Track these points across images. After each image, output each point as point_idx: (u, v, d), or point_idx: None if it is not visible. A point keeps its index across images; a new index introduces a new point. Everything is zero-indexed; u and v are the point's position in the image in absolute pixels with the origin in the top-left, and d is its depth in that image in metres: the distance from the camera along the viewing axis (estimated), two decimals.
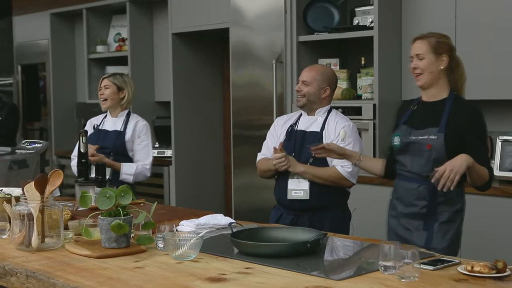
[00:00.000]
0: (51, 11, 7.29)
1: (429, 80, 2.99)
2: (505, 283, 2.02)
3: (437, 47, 2.98)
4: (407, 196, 3.02)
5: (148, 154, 4.30)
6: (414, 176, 3.00)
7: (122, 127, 4.29)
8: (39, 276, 2.21)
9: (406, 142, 3.00)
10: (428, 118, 2.98)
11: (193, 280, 2.10)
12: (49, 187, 2.58)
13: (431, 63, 2.97)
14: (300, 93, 3.41)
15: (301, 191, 3.33)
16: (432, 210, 2.95)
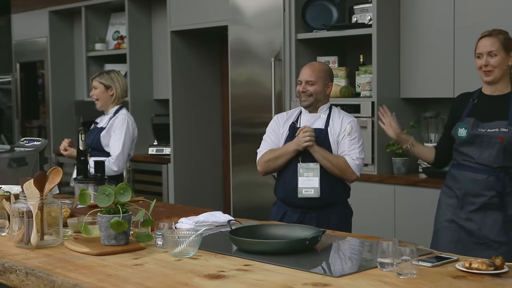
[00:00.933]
0: (50, 9, 7.28)
1: (500, 75, 3.11)
2: (502, 280, 2.03)
3: (507, 44, 3.11)
4: (474, 187, 3.12)
5: (117, 147, 4.24)
6: (482, 167, 3.11)
7: (106, 124, 4.34)
8: (39, 273, 2.22)
9: (474, 134, 3.11)
10: (495, 112, 3.10)
11: (192, 277, 2.11)
12: (48, 184, 2.59)
13: (503, 60, 3.10)
14: (306, 94, 3.41)
15: (311, 189, 3.34)
16: (501, 200, 3.06)
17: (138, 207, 2.55)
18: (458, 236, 3.14)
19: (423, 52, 4.46)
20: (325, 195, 3.34)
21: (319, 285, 1.99)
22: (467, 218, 3.13)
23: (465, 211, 3.14)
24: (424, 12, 4.45)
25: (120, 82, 4.41)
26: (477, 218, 3.11)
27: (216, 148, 6.33)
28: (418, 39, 4.49)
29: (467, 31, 4.26)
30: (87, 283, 2.08)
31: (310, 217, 3.35)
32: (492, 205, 3.08)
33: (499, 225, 3.06)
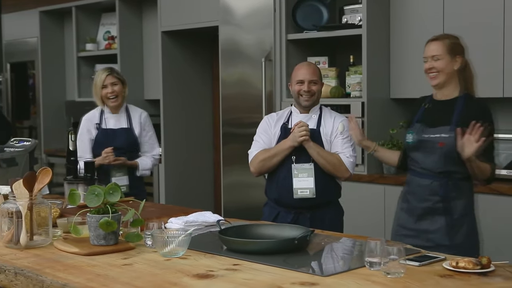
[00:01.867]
0: (40, 9, 7.27)
1: (445, 80, 3.10)
2: (489, 279, 2.05)
3: (452, 48, 3.10)
4: (420, 192, 3.13)
5: (154, 144, 4.34)
6: (426, 173, 3.11)
7: (127, 123, 4.27)
8: (28, 273, 2.22)
9: (419, 140, 3.11)
10: (440, 117, 3.09)
11: (181, 276, 2.12)
12: (37, 185, 2.59)
13: (447, 64, 3.09)
14: (310, 93, 3.42)
15: (307, 190, 3.35)
16: (445, 205, 3.06)
17: (128, 207, 2.55)
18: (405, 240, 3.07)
19: (413, 53, 4.48)
20: (320, 195, 3.35)
21: (307, 284, 2.00)
22: (415, 222, 3.13)
23: (413, 215, 3.14)
24: (414, 12, 4.47)
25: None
26: (424, 222, 3.10)
27: (207, 148, 6.34)
28: (408, 40, 4.51)
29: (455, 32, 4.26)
30: (76, 283, 2.08)
31: (304, 218, 3.36)
32: (437, 210, 3.07)
33: (444, 229, 3.06)
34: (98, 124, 4.25)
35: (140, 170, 4.24)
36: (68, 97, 7.36)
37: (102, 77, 4.19)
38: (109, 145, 4.14)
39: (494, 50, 4.13)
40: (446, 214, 3.06)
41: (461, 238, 3.03)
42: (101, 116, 4.28)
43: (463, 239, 3.02)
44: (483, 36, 4.18)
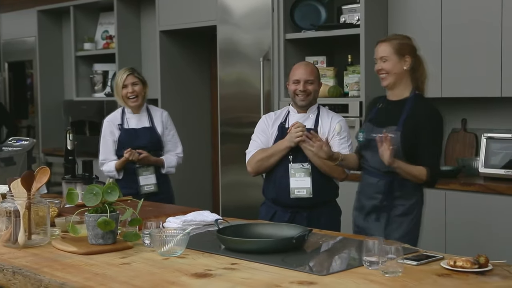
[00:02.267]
0: (38, 8, 7.26)
1: (394, 81, 3.12)
2: (487, 278, 2.05)
3: (400, 48, 3.11)
4: (368, 190, 3.18)
5: (177, 142, 4.36)
6: (374, 171, 3.15)
7: (149, 123, 4.26)
8: (26, 272, 2.22)
9: (368, 139, 3.14)
10: (390, 117, 3.11)
11: (179, 276, 2.12)
12: (35, 184, 2.59)
13: (395, 64, 3.10)
14: (306, 92, 3.42)
15: (303, 190, 3.35)
16: (389, 203, 3.10)
17: (126, 206, 2.55)
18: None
19: None
20: (317, 195, 3.35)
21: (305, 284, 2.00)
22: (364, 219, 3.18)
23: (362, 213, 3.20)
24: (412, 12, 4.48)
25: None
26: (370, 220, 3.15)
27: (205, 148, 6.34)
28: None
29: (454, 31, 4.29)
30: (74, 282, 2.08)
31: (301, 217, 3.36)
32: (382, 208, 3.11)
33: (382, 227, 3.09)
34: (120, 125, 4.22)
35: (166, 167, 4.25)
36: (66, 97, 7.35)
37: (123, 77, 4.19)
38: (132, 144, 4.13)
39: (492, 50, 4.14)
40: (388, 212, 3.10)
41: (396, 236, 3.02)
42: (122, 117, 4.25)
43: (397, 238, 2.96)
44: (481, 35, 4.18)
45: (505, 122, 4.38)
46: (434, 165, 3.07)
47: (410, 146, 3.03)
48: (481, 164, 4.12)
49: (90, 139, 6.21)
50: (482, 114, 4.53)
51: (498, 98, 4.28)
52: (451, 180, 4.14)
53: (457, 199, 4.06)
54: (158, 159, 4.23)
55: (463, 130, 4.59)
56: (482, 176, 4.13)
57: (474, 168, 4.25)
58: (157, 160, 4.22)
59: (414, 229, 3.13)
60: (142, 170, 4.17)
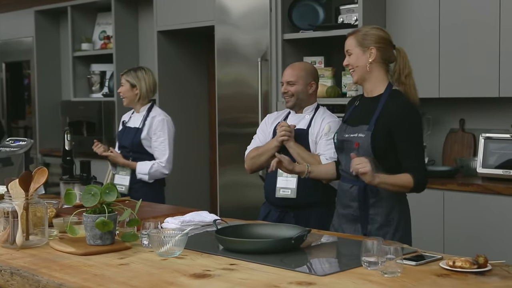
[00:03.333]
0: (36, 9, 7.26)
1: (361, 75, 2.88)
2: (486, 278, 2.05)
3: (363, 40, 2.86)
4: (342, 197, 2.95)
5: (164, 150, 4.23)
6: (347, 176, 2.91)
7: (141, 124, 4.28)
8: (24, 273, 2.21)
9: (340, 140, 2.93)
10: (362, 115, 2.88)
11: (177, 276, 2.11)
12: (33, 184, 2.58)
13: (358, 57, 2.87)
14: (288, 94, 3.42)
15: (289, 190, 3.35)
16: (365, 213, 2.85)
17: (124, 206, 2.55)
18: None
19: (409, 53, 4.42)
20: (303, 196, 3.33)
21: (304, 284, 2.00)
22: (343, 231, 2.93)
23: (339, 222, 2.97)
24: (410, 12, 4.48)
25: (146, 81, 4.30)
26: (347, 230, 2.90)
27: (203, 148, 6.33)
28: (404, 40, 4.51)
29: (452, 32, 4.29)
30: (72, 282, 2.08)
31: (289, 217, 3.37)
32: (357, 218, 2.86)
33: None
34: (125, 122, 4.39)
35: (137, 173, 4.21)
36: (64, 97, 7.34)
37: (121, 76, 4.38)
38: (121, 143, 4.27)
39: (490, 50, 4.14)
40: (363, 223, 2.85)
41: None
42: (131, 114, 4.43)
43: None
44: (479, 35, 4.18)
45: (503, 122, 4.38)
46: (419, 168, 2.78)
47: (383, 147, 2.77)
48: (479, 164, 4.12)
49: (88, 140, 6.19)
50: (480, 114, 4.53)
51: (496, 98, 4.28)
52: (449, 180, 4.14)
53: (455, 199, 4.07)
54: (127, 162, 4.21)
55: (461, 130, 4.59)
56: (480, 176, 4.13)
57: (472, 168, 4.25)
58: (126, 163, 4.21)
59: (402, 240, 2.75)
60: (120, 169, 4.23)
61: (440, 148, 4.67)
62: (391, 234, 2.82)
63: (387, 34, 2.93)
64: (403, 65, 2.90)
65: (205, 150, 6.34)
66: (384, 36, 2.90)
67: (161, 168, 4.23)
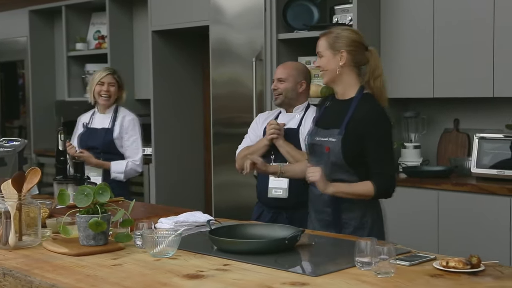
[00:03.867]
0: (30, 8, 7.23)
1: (331, 78, 2.86)
2: (479, 278, 2.05)
3: (334, 42, 2.82)
4: (315, 202, 2.94)
5: (137, 149, 4.28)
6: None
7: (110, 124, 4.26)
8: (16, 274, 2.20)
9: (311, 144, 2.90)
10: (334, 118, 2.85)
11: (171, 277, 2.11)
12: (26, 185, 2.57)
13: (329, 60, 2.83)
14: (277, 91, 3.43)
15: (280, 190, 3.35)
16: (338, 217, 2.84)
17: (117, 207, 2.54)
18: None
19: (403, 52, 4.49)
20: (295, 196, 3.33)
21: (297, 284, 1.99)
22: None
23: (313, 227, 2.93)
24: (404, 12, 4.48)
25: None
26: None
27: (198, 148, 6.33)
28: (399, 39, 4.52)
29: (446, 32, 4.29)
30: (65, 283, 2.07)
31: (282, 217, 3.37)
32: (330, 223, 2.84)
33: None
34: (86, 123, 4.30)
35: (112, 172, 4.20)
36: (58, 97, 7.32)
37: (102, 74, 4.26)
38: (87, 144, 4.18)
39: (484, 50, 4.14)
40: (336, 227, 2.82)
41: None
42: (92, 116, 4.34)
43: None
44: (473, 35, 4.19)
45: (497, 122, 4.39)
46: (384, 175, 2.75)
47: (353, 152, 2.75)
48: (473, 164, 4.13)
49: None
50: (475, 114, 4.54)
51: (490, 98, 4.29)
52: (443, 180, 4.15)
53: (449, 199, 4.07)
54: (100, 163, 4.19)
55: (455, 130, 4.60)
56: (475, 176, 4.14)
57: (466, 168, 4.26)
58: (100, 164, 4.19)
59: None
60: (90, 171, 4.14)
61: (435, 148, 4.67)
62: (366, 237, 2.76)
63: (359, 36, 2.87)
64: (374, 67, 2.84)
65: (199, 150, 6.33)
66: (356, 39, 2.84)
67: (136, 166, 4.26)
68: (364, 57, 2.85)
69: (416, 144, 4.59)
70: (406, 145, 4.57)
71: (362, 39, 2.87)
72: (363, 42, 2.87)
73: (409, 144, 4.58)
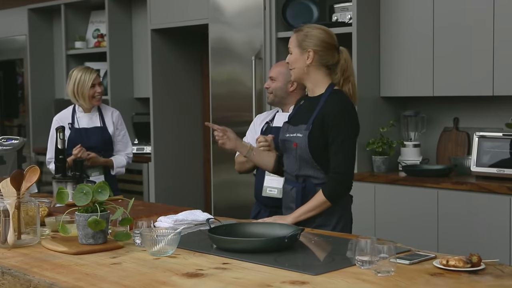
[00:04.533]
0: (29, 7, 7.22)
1: (298, 75, 2.87)
2: (479, 277, 2.04)
3: (303, 41, 2.82)
4: (285, 198, 2.97)
5: (128, 142, 4.38)
6: (289, 177, 2.93)
7: (101, 122, 4.26)
8: (15, 272, 2.20)
9: (282, 140, 2.93)
10: (303, 115, 2.87)
11: (170, 275, 2.10)
12: (25, 183, 2.57)
13: (297, 58, 2.84)
14: (268, 90, 3.44)
15: (275, 189, 3.34)
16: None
17: (116, 205, 2.53)
18: None
19: (403, 51, 4.48)
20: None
21: (297, 283, 1.99)
22: None
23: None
24: (404, 11, 4.47)
25: None
26: None
27: (197, 147, 6.32)
28: (398, 38, 4.51)
29: (446, 31, 4.28)
30: (64, 282, 2.06)
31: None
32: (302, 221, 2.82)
33: None
34: (70, 124, 4.25)
35: (115, 168, 4.25)
36: (57, 96, 7.32)
37: (92, 76, 4.23)
38: (83, 144, 4.15)
39: (483, 49, 4.14)
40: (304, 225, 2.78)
41: None
42: (73, 116, 4.30)
43: None
44: (473, 34, 4.18)
45: (497, 121, 4.38)
46: (336, 176, 2.77)
47: (319, 147, 2.78)
48: (473, 163, 4.12)
49: None
50: (474, 113, 4.53)
51: (490, 97, 4.28)
52: (443, 179, 4.14)
53: (449, 198, 4.06)
54: (107, 160, 4.24)
55: (455, 129, 4.59)
56: (474, 175, 4.13)
57: (466, 167, 4.25)
58: (106, 161, 4.23)
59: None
60: (91, 171, 4.16)
61: (434, 146, 4.67)
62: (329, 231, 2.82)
63: (329, 36, 2.85)
64: (344, 68, 2.85)
65: (199, 148, 6.33)
66: (325, 39, 2.83)
67: (130, 159, 4.37)
68: (333, 57, 2.85)
69: (416, 142, 4.58)
70: (406, 144, 4.57)
71: (333, 39, 2.86)
72: (333, 43, 2.86)
73: (409, 143, 4.58)
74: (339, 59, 2.85)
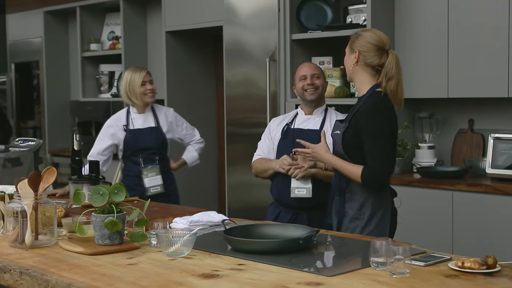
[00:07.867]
0: (45, 9, 7.28)
1: (349, 74, 3.00)
2: (495, 279, 2.04)
3: (353, 42, 2.95)
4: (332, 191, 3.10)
5: (193, 130, 4.52)
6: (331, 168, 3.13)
7: (155, 122, 4.28)
8: (33, 273, 2.22)
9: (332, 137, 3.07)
10: (349, 114, 3.00)
11: (186, 276, 2.11)
12: (42, 184, 2.59)
13: (347, 58, 2.99)
14: (314, 86, 3.44)
15: (304, 189, 3.34)
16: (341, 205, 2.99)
17: (133, 207, 2.55)
18: None
19: (418, 53, 4.47)
20: (317, 195, 3.33)
21: (312, 284, 2.00)
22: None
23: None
24: (418, 12, 4.47)
25: None
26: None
27: (211, 149, 6.33)
28: (413, 39, 4.50)
29: (460, 32, 4.27)
30: (81, 282, 2.08)
31: (301, 218, 3.35)
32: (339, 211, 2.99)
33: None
34: (125, 126, 4.24)
35: (189, 164, 4.48)
36: (73, 97, 7.37)
37: (141, 74, 4.23)
38: (137, 145, 4.17)
39: (499, 50, 4.12)
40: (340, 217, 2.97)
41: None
42: (127, 117, 4.27)
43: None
44: (488, 35, 4.17)
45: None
46: (374, 168, 2.82)
47: (351, 144, 2.88)
48: (488, 165, 4.11)
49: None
50: (489, 115, 4.51)
51: (505, 99, 4.26)
52: (458, 181, 4.13)
53: (464, 200, 4.05)
54: (180, 163, 4.44)
55: (470, 130, 4.57)
56: (489, 176, 4.12)
57: (481, 168, 4.24)
58: (180, 165, 4.44)
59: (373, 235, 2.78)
60: (148, 171, 4.18)
61: (449, 148, 4.65)
62: (360, 228, 2.90)
63: (378, 38, 2.92)
64: (388, 69, 2.89)
65: (213, 150, 6.34)
66: (372, 41, 2.91)
67: (202, 143, 4.55)
68: (379, 59, 2.91)
69: (431, 144, 4.57)
70: (421, 146, 4.56)
71: (381, 42, 2.92)
72: (380, 45, 2.91)
73: (424, 145, 4.57)
74: (384, 61, 2.91)
